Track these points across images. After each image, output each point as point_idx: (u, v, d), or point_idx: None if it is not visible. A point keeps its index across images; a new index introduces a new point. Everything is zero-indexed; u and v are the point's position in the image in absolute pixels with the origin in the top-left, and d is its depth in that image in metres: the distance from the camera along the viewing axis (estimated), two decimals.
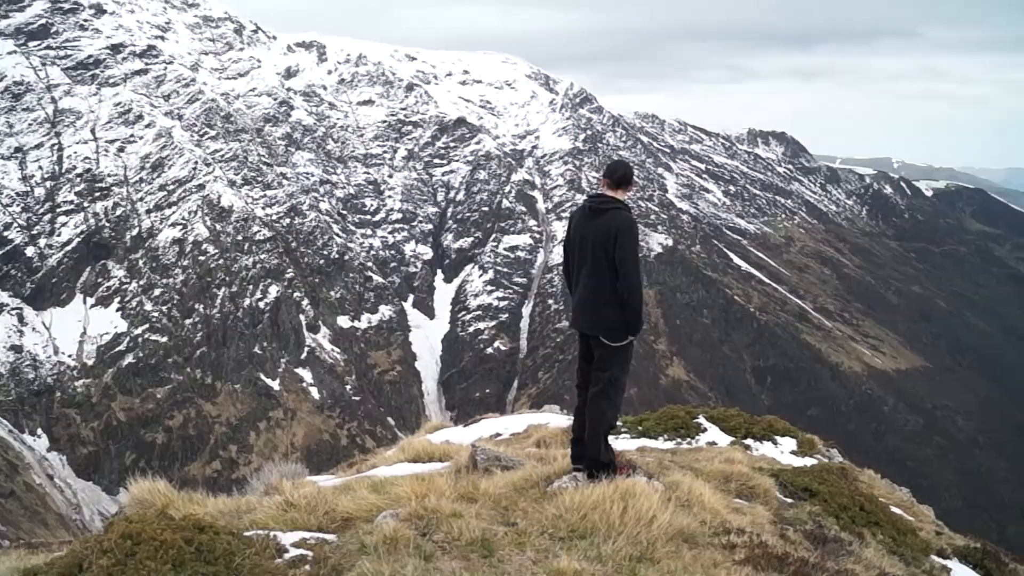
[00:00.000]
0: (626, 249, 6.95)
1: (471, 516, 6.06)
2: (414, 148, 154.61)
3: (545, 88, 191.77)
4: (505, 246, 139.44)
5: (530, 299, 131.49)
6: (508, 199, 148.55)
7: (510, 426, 13.93)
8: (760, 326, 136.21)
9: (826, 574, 6.22)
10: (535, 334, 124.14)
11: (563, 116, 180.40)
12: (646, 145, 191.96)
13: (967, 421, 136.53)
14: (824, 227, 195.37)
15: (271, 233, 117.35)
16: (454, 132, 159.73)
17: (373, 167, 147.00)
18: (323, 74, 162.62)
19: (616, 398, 7.31)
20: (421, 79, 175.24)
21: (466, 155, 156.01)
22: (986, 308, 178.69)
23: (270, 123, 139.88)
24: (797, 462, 12.43)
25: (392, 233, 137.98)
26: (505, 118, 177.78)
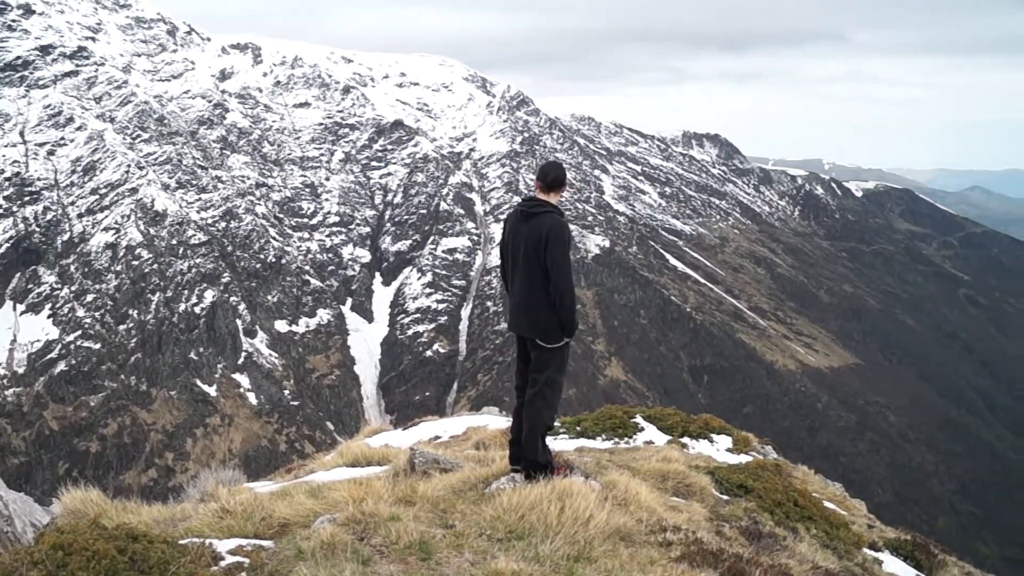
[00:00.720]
0: (556, 252, 6.97)
1: (409, 519, 6.03)
2: (351, 151, 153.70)
3: (482, 91, 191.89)
4: (443, 248, 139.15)
5: (469, 301, 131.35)
6: (446, 201, 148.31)
7: (449, 429, 13.88)
8: (696, 326, 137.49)
9: (760, 569, 6.24)
10: (474, 336, 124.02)
11: (500, 119, 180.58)
12: (583, 147, 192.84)
13: (898, 416, 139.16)
14: (758, 227, 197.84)
15: (206, 237, 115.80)
16: (391, 135, 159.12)
17: (310, 170, 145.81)
18: (258, 76, 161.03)
19: (553, 399, 7.33)
20: (358, 81, 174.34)
21: (403, 158, 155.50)
22: (914, 306, 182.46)
23: (205, 126, 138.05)
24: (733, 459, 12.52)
25: (330, 236, 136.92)
26: (442, 120, 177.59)
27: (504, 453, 8.15)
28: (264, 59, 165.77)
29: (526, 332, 7.35)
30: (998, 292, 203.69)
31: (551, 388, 7.31)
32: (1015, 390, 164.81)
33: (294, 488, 7.40)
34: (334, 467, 9.49)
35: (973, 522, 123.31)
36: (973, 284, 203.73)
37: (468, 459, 8.67)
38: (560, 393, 7.48)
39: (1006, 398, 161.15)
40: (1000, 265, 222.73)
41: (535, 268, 7.09)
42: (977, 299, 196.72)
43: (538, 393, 7.28)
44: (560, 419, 14.38)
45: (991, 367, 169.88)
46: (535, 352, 7.33)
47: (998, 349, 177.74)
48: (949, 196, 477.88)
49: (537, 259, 7.05)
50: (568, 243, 7.11)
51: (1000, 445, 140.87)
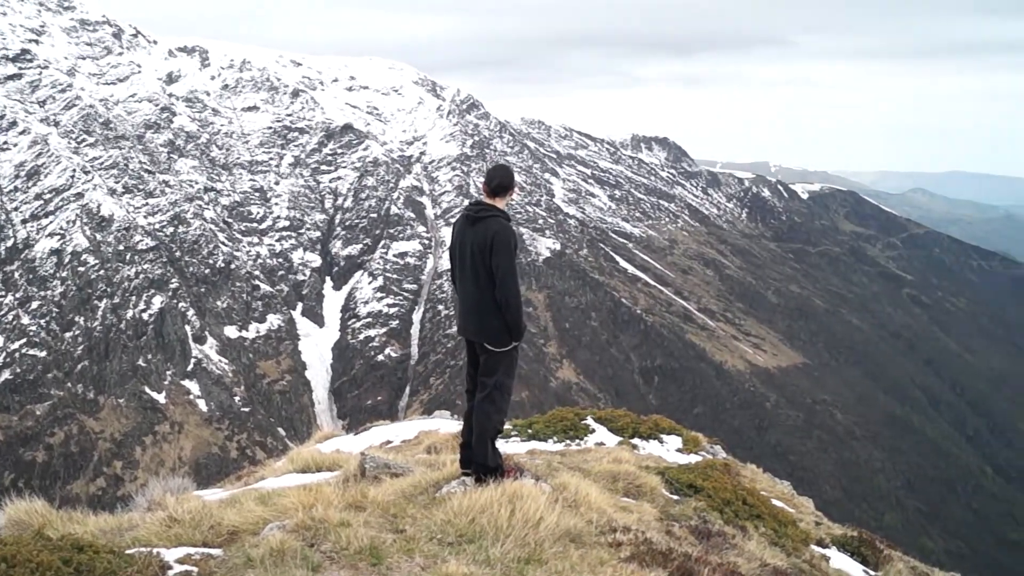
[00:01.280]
0: (502, 257, 7.00)
1: (359, 524, 6.02)
2: (300, 155, 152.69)
3: (432, 94, 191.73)
4: (394, 252, 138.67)
5: (420, 305, 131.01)
6: (397, 205, 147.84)
7: (401, 433, 13.88)
8: (647, 327, 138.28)
9: (708, 568, 6.33)
10: (426, 340, 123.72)
11: (450, 122, 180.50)
12: (533, 151, 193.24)
13: (844, 414, 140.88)
14: (706, 230, 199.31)
15: (154, 242, 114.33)
16: (341, 138, 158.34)
17: (259, 174, 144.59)
18: (206, 80, 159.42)
19: (502, 403, 7.37)
20: (307, 85, 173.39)
21: (353, 161, 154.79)
22: (860, 305, 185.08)
23: (151, 130, 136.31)
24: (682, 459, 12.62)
25: (279, 241, 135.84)
26: (392, 124, 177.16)
27: (455, 457, 8.16)
28: (212, 62, 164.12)
29: (474, 336, 7.37)
30: (940, 291, 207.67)
31: (500, 392, 7.32)
32: (957, 387, 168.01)
33: (244, 495, 7.30)
34: (284, 473, 9.44)
35: (919, 517, 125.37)
36: (916, 284, 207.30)
37: (419, 463, 8.65)
38: (509, 397, 7.48)
39: (949, 395, 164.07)
40: (942, 265, 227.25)
41: (481, 272, 7.11)
42: (920, 298, 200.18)
43: (487, 397, 7.29)
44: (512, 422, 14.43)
45: (934, 365, 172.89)
46: (484, 356, 7.35)
47: (941, 347, 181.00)
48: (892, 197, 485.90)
49: (483, 263, 7.08)
50: (514, 247, 7.13)
51: (944, 441, 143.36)
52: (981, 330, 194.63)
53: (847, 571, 9.43)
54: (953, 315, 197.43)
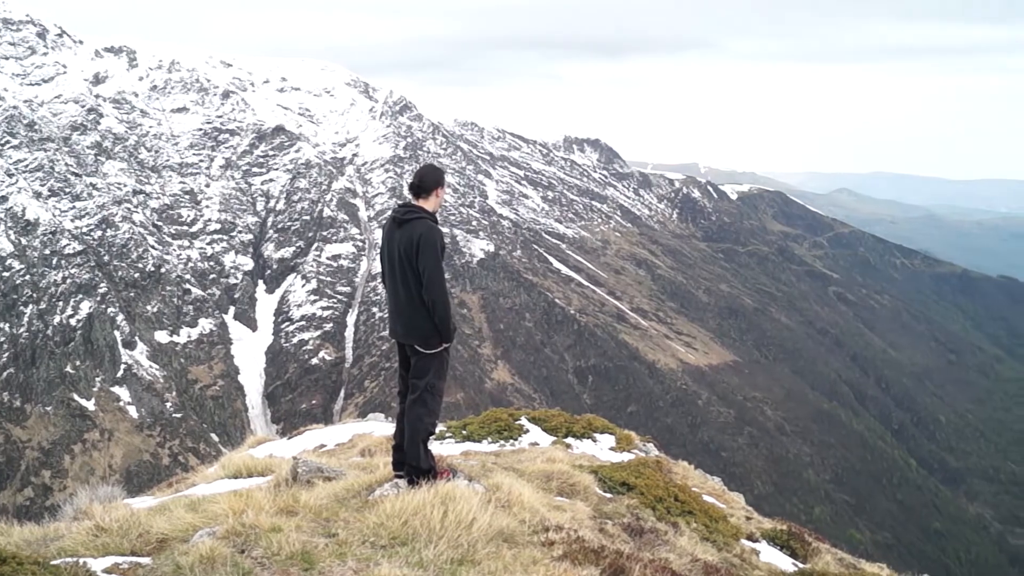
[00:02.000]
0: (428, 258, 7.05)
1: (291, 529, 6.00)
2: (232, 157, 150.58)
3: (364, 95, 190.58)
4: (328, 255, 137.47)
5: (354, 308, 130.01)
6: (329, 207, 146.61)
7: (335, 436, 13.86)
8: (580, 327, 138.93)
9: (640, 564, 6.41)
10: (360, 343, 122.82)
11: (383, 124, 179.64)
12: (466, 152, 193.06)
13: (774, 410, 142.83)
14: (638, 230, 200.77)
15: (81, 247, 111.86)
16: (273, 140, 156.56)
17: (189, 176, 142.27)
18: (134, 80, 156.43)
19: (434, 405, 7.40)
20: (238, 86, 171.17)
21: (286, 163, 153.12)
22: (788, 303, 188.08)
23: (78, 131, 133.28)
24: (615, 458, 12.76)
25: (211, 244, 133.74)
26: (324, 126, 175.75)
27: (389, 460, 8.13)
28: (140, 63, 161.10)
29: (404, 338, 7.41)
30: (864, 289, 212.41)
31: (431, 394, 7.36)
32: (882, 382, 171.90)
33: (174, 502, 7.25)
34: (216, 480, 9.34)
35: (847, 509, 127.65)
36: (842, 282, 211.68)
37: (353, 467, 8.68)
38: (441, 398, 7.52)
39: (874, 390, 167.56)
40: (867, 263, 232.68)
41: (409, 274, 7.16)
42: (846, 296, 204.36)
43: (419, 399, 7.33)
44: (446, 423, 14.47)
45: (860, 361, 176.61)
46: (414, 358, 7.40)
47: (866, 343, 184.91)
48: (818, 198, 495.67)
49: (410, 265, 7.12)
50: (440, 249, 7.17)
51: (870, 435, 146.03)
52: (904, 326, 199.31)
53: (777, 564, 9.54)
54: (877, 312, 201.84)
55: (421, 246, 7.05)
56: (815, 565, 10.29)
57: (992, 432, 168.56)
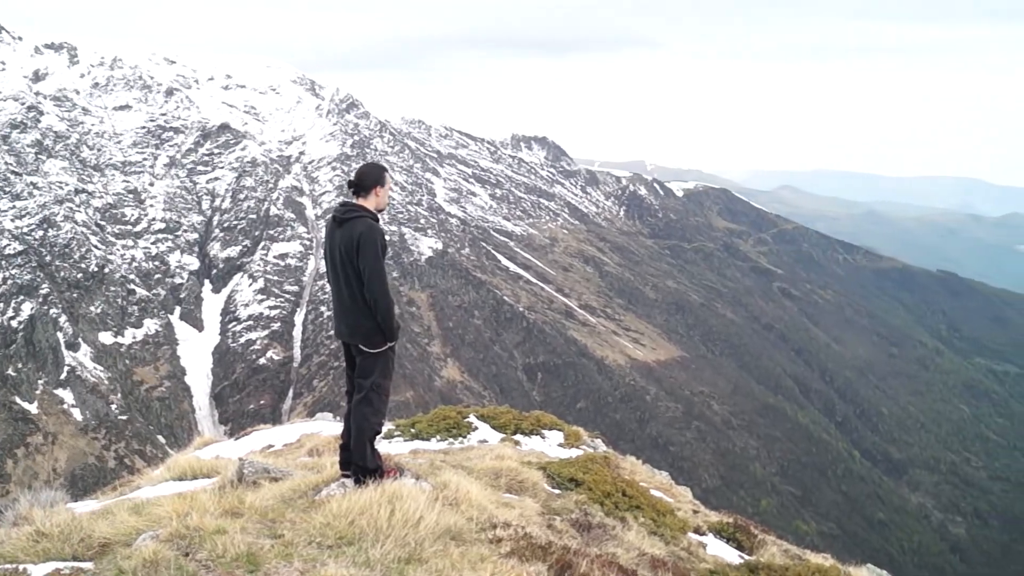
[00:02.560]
0: (369, 257, 7.07)
1: (236, 531, 5.94)
2: (176, 155, 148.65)
3: (311, 93, 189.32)
4: (275, 254, 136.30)
5: (302, 307, 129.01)
6: (276, 206, 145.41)
7: (283, 437, 13.81)
8: (529, 324, 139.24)
9: (587, 559, 6.43)
10: (309, 342, 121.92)
11: (330, 122, 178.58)
12: (414, 150, 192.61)
13: (721, 405, 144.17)
14: (586, 227, 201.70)
15: (22, 247, 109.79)
16: (218, 138, 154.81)
17: (133, 175, 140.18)
18: (75, 77, 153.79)
19: (380, 404, 7.40)
20: (182, 83, 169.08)
21: (231, 162, 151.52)
22: (733, 299, 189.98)
23: (17, 129, 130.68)
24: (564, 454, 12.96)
25: (155, 244, 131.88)
26: (271, 123, 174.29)
27: (336, 459, 8.12)
28: (81, 59, 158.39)
29: (348, 338, 7.41)
30: (808, 284, 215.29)
31: (377, 393, 7.36)
32: (826, 376, 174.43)
33: (117, 506, 7.15)
34: (161, 482, 9.24)
35: (793, 501, 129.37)
36: (786, 277, 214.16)
37: (300, 467, 8.64)
38: (387, 398, 7.53)
39: (818, 383, 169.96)
40: (810, 259, 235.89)
41: (351, 274, 7.17)
42: (790, 291, 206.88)
43: (364, 399, 7.33)
44: (395, 422, 14.52)
45: (804, 355, 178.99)
46: (359, 357, 7.39)
47: (810, 337, 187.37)
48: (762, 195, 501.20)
49: (352, 265, 7.14)
50: (381, 247, 7.19)
51: (815, 427, 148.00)
52: (847, 321, 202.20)
53: (723, 557, 9.65)
54: (821, 307, 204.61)
55: (361, 245, 7.07)
56: (761, 557, 10.38)
57: (932, 423, 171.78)
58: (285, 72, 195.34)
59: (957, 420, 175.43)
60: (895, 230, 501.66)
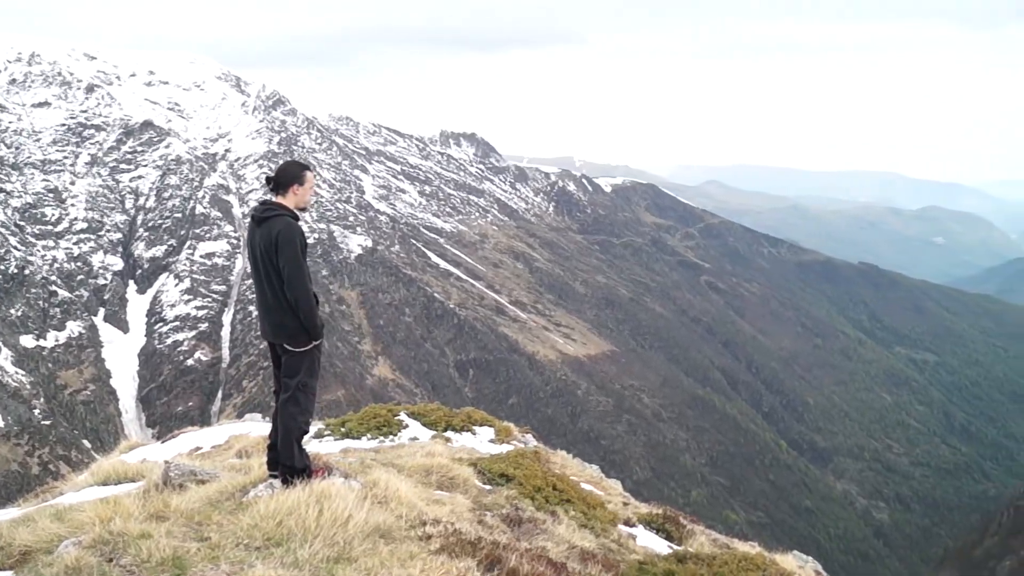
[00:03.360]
0: (287, 255, 6.97)
1: (161, 535, 5.84)
2: (98, 153, 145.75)
3: (236, 90, 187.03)
4: (201, 253, 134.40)
5: (230, 306, 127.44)
6: (202, 204, 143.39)
7: (211, 438, 13.59)
8: (460, 321, 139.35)
9: (516, 554, 6.48)
10: (237, 342, 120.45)
11: (256, 118, 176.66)
12: (342, 147, 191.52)
13: (651, 398, 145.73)
14: (515, 224, 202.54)
15: None
16: (141, 135, 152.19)
17: (53, 174, 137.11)
18: None
19: (307, 403, 7.32)
20: (103, 80, 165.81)
21: (155, 159, 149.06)
22: (662, 293, 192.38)
23: None
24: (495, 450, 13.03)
25: (77, 244, 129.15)
26: (195, 121, 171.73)
27: (265, 460, 7.98)
28: None
29: (273, 337, 7.33)
30: (734, 277, 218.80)
31: (304, 392, 7.28)
32: (752, 367, 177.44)
33: (38, 513, 6.92)
34: (85, 487, 8.97)
35: (722, 491, 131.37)
36: (713, 271, 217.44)
37: (228, 468, 8.49)
38: (314, 397, 7.44)
39: (745, 375, 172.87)
40: (736, 253, 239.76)
41: (272, 273, 7.08)
42: (717, 285, 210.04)
43: (291, 398, 7.26)
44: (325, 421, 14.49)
45: (731, 347, 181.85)
46: (285, 356, 7.32)
47: (736, 330, 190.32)
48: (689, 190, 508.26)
49: (272, 263, 7.04)
50: (300, 245, 7.08)
51: (742, 419, 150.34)
52: (772, 313, 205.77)
53: (653, 548, 9.81)
54: (747, 300, 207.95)
55: (280, 244, 6.97)
56: (689, 547, 10.55)
57: (856, 412, 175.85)
58: (209, 68, 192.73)
59: (879, 408, 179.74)
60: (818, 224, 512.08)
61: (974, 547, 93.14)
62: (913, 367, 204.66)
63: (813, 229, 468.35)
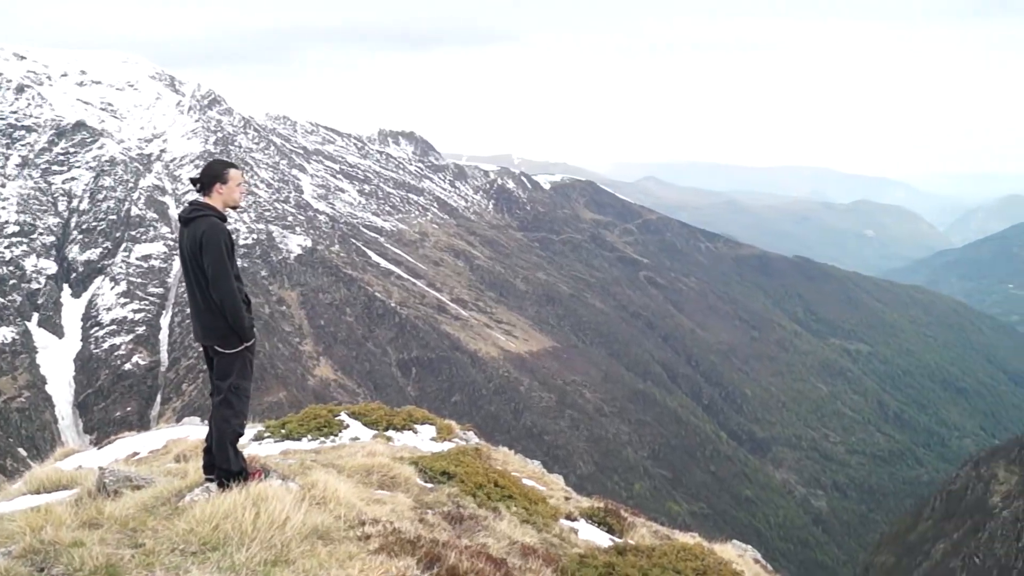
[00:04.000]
0: (212, 255, 6.92)
1: (94, 543, 5.72)
2: (29, 154, 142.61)
3: (171, 89, 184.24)
4: (137, 255, 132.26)
5: (168, 309, 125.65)
6: (137, 206, 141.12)
7: (148, 443, 13.42)
8: (402, 320, 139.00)
9: (456, 551, 6.50)
10: (176, 345, 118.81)
11: (192, 118, 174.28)
12: (279, 147, 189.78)
13: (593, 393, 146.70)
14: (455, 222, 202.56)
15: None
16: (73, 136, 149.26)
17: None
18: None
19: (240, 405, 7.28)
20: (33, 80, 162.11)
21: (88, 161, 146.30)
22: (601, 289, 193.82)
23: None
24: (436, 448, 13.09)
25: (9, 248, 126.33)
26: (129, 121, 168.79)
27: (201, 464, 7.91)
28: None
29: (203, 339, 7.28)
30: (673, 272, 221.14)
31: (236, 395, 7.24)
32: (692, 360, 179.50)
33: None
34: (18, 496, 8.84)
35: (664, 484, 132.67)
36: (651, 266, 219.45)
37: (166, 473, 8.41)
38: (248, 399, 7.39)
39: (685, 368, 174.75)
40: (674, 248, 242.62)
41: (199, 274, 7.03)
42: (656, 280, 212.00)
43: (224, 401, 7.23)
44: (265, 423, 14.42)
45: (671, 341, 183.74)
46: (216, 359, 7.27)
47: (676, 324, 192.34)
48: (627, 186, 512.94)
49: (198, 265, 7.00)
50: (226, 245, 7.02)
51: (683, 411, 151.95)
52: (711, 307, 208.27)
53: (594, 541, 9.95)
54: (685, 294, 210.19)
55: (205, 244, 6.92)
56: (630, 539, 10.82)
57: (793, 402, 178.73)
58: (143, 67, 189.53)
59: (815, 398, 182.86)
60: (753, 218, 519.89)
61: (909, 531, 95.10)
62: (847, 357, 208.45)
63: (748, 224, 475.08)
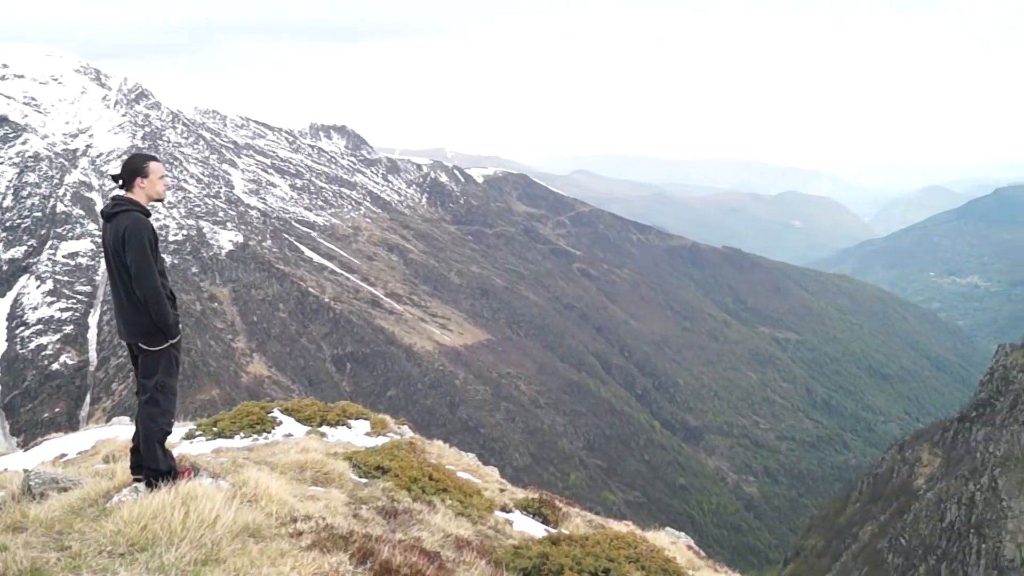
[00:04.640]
0: (135, 251, 6.83)
1: (18, 547, 5.62)
2: None
3: (96, 83, 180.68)
4: (64, 253, 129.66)
5: (96, 308, 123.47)
6: (63, 202, 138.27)
7: (77, 444, 13.25)
8: (336, 315, 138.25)
9: (389, 545, 6.51)
10: (105, 344, 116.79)
11: (118, 113, 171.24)
12: (209, 141, 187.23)
13: (528, 385, 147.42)
14: (389, 216, 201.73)
15: None
16: None
17: None
18: None
19: (167, 404, 7.16)
20: None
21: (11, 156, 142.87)
22: (535, 281, 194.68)
23: None
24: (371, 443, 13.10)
25: None
26: (53, 115, 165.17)
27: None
28: None
29: (128, 337, 7.16)
30: (605, 264, 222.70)
31: (163, 393, 7.11)
32: (625, 351, 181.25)
33: None
34: None
35: (600, 473, 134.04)
36: (584, 258, 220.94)
37: (94, 474, 8.30)
38: (175, 397, 7.26)
39: (618, 359, 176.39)
40: (606, 240, 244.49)
41: (122, 270, 6.94)
42: (589, 271, 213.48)
43: (150, 399, 7.10)
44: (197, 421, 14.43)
45: (604, 332, 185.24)
46: (141, 356, 7.13)
47: (609, 315, 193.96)
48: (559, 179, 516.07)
49: (121, 261, 6.92)
50: (149, 240, 6.93)
51: (617, 401, 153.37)
52: (643, 298, 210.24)
53: (529, 532, 10.06)
54: (618, 286, 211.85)
55: (127, 240, 6.82)
56: (564, 529, 11.00)
57: (724, 391, 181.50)
58: (67, 61, 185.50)
59: (746, 386, 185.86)
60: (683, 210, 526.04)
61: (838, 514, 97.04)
62: (776, 346, 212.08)
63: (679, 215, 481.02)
